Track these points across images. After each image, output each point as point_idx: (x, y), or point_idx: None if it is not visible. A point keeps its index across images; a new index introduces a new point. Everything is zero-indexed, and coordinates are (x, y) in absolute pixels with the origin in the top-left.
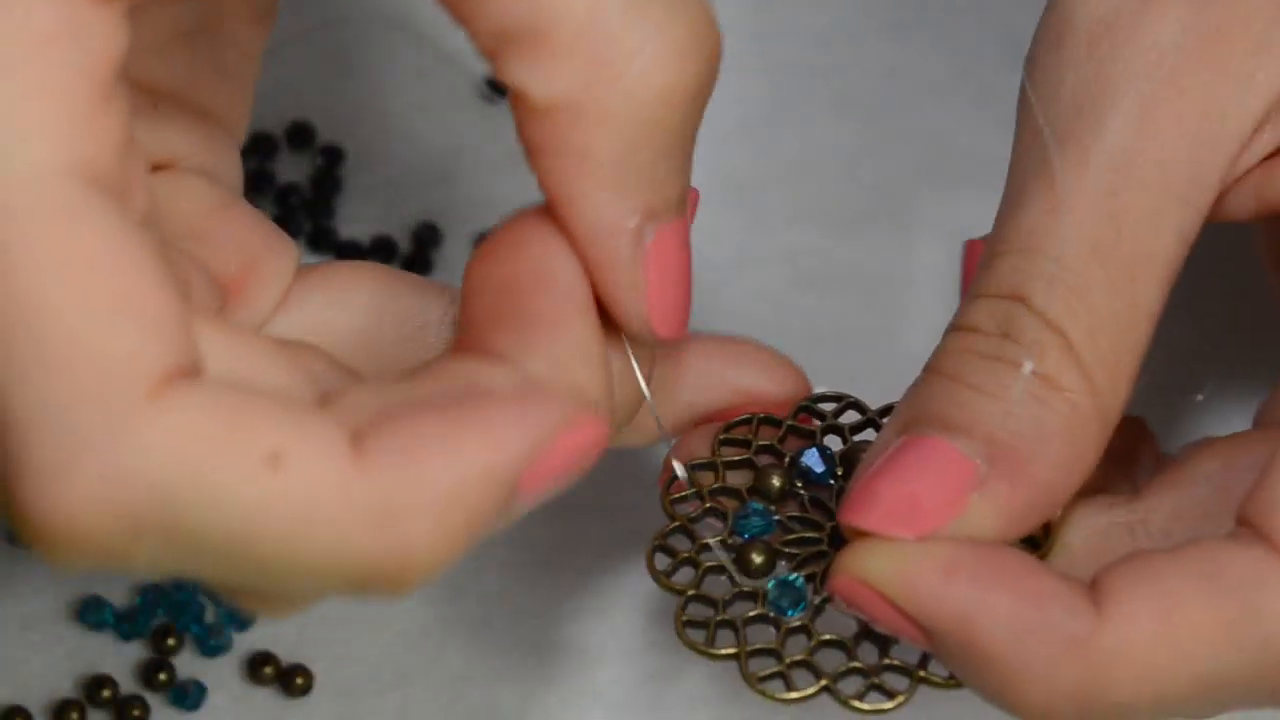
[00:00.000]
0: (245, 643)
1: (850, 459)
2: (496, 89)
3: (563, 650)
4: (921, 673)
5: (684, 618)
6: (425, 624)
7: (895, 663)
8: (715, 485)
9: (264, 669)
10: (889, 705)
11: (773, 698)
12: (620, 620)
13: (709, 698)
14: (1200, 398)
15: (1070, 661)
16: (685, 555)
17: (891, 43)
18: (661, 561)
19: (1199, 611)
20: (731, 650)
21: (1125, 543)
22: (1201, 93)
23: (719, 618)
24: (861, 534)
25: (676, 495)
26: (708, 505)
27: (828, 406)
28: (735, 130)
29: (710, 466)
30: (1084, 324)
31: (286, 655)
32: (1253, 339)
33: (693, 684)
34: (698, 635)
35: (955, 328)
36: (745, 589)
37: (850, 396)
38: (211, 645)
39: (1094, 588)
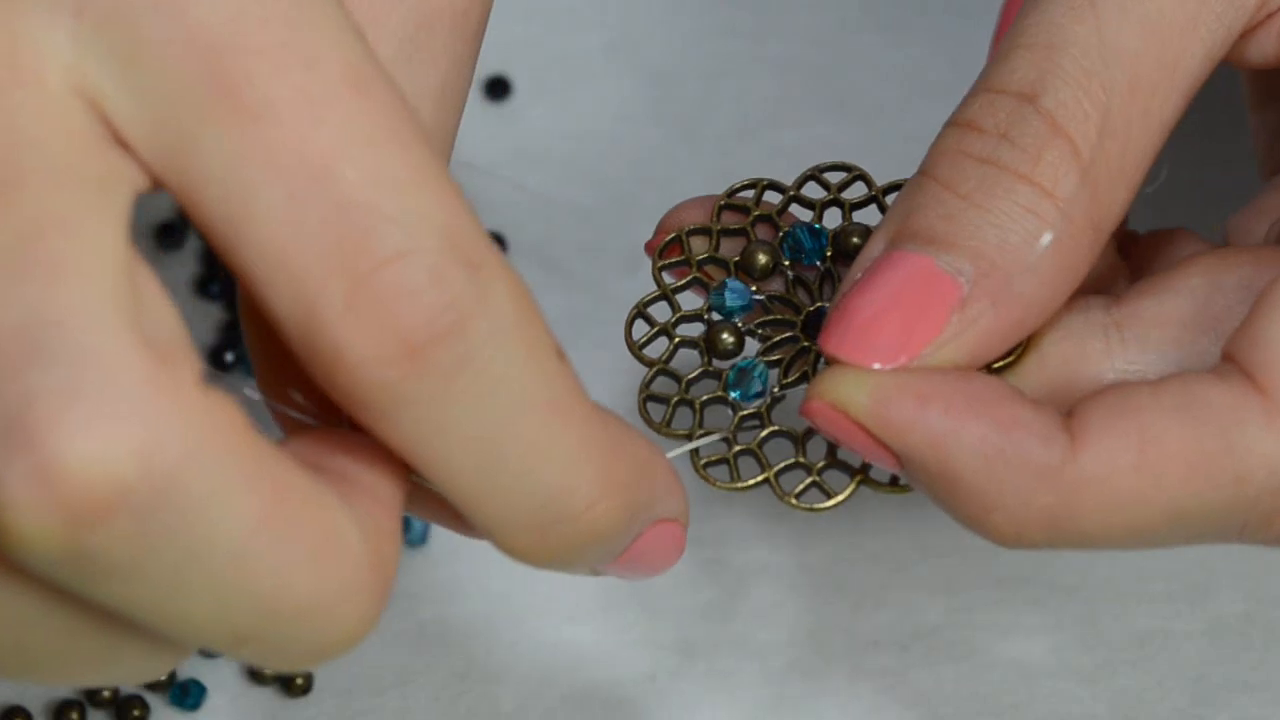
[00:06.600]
0: None
1: (843, 240)
2: (497, 89)
3: (563, 650)
4: (862, 475)
5: (646, 393)
6: (425, 624)
7: (840, 461)
8: (705, 255)
9: (264, 669)
10: (824, 505)
11: (714, 484)
12: (620, 620)
13: (709, 698)
14: (1149, 189)
15: (1042, 490)
16: (660, 327)
17: (891, 43)
18: (640, 330)
19: (1175, 444)
20: (684, 431)
21: (1099, 347)
22: None
23: (679, 397)
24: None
25: (666, 261)
26: (694, 275)
27: (835, 177)
28: (735, 130)
29: (705, 232)
30: (1094, 126)
31: None
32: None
33: (693, 683)
34: (657, 411)
35: (953, 123)
36: (711, 369)
37: (859, 169)
38: None
39: (1071, 417)
